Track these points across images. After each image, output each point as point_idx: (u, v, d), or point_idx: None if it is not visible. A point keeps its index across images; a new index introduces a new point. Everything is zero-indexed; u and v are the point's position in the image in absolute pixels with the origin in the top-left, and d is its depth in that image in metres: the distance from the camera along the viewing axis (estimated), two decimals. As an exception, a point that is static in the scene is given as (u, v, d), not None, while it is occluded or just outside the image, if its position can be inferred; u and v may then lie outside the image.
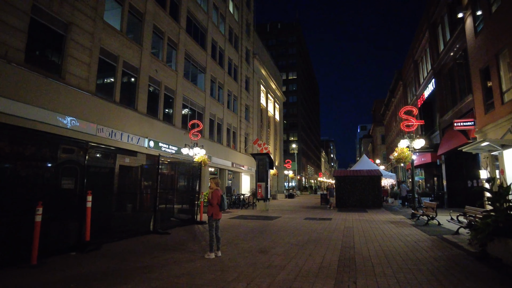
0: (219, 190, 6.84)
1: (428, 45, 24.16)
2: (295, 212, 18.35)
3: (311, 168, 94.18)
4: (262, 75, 41.72)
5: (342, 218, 14.61)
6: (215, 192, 6.77)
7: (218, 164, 26.52)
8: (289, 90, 79.14)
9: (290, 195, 38.98)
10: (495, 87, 13.10)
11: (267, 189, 19.33)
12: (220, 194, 6.76)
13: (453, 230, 9.96)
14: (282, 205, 25.43)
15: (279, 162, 50.02)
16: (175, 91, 21.32)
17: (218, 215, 6.76)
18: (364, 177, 22.19)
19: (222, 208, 6.71)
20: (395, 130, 42.06)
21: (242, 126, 33.40)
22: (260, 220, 13.97)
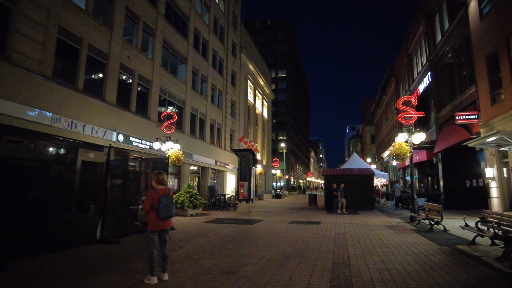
0: (158, 189, 4.94)
1: (423, 37, 22.75)
2: (281, 214, 16.60)
3: (300, 168, 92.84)
4: (249, 70, 39.91)
5: (332, 222, 12.92)
6: (150, 194, 4.89)
7: (200, 162, 24.60)
8: (278, 88, 77.55)
9: (278, 195, 37.30)
10: (506, 74, 11.60)
11: (250, 188, 17.54)
12: (156, 196, 4.82)
13: (464, 238, 8.35)
14: (267, 206, 23.67)
15: (267, 161, 48.30)
16: (150, 81, 19.35)
17: (157, 225, 4.83)
18: (355, 176, 20.62)
19: (158, 215, 4.77)
20: (386, 128, 40.83)
21: (228, 123, 31.53)
22: (239, 224, 12.16)
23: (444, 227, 9.76)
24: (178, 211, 15.55)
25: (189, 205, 15.37)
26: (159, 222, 4.78)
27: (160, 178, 5.01)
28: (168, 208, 4.82)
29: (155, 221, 4.76)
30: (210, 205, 18.54)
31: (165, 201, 4.78)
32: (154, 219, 4.76)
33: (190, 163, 23.12)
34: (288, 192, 53.28)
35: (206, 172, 26.56)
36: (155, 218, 4.74)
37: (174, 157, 15.00)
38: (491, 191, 13.04)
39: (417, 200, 20.38)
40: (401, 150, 12.32)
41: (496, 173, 12.57)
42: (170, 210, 4.85)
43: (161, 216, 4.74)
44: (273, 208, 21.49)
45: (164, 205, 4.76)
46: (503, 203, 12.28)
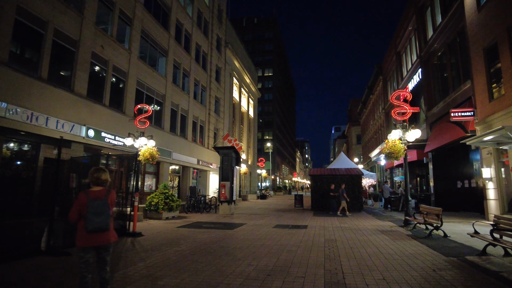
0: (90, 192, 3.66)
1: (414, 33, 22.08)
2: (265, 216, 15.45)
3: (285, 168, 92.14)
4: (235, 67, 38.65)
5: (320, 226, 11.86)
6: (79, 197, 3.56)
7: (181, 161, 23.20)
8: (265, 87, 76.56)
9: (263, 196, 36.18)
10: (506, 67, 10.80)
11: (232, 189, 16.31)
12: (85, 200, 3.55)
13: (470, 246, 7.39)
14: (251, 207, 22.49)
15: (252, 161, 47.14)
16: (127, 73, 17.88)
17: (86, 239, 3.53)
18: (343, 177, 19.69)
19: (86, 227, 3.48)
20: (372, 128, 40.32)
21: (211, 120, 30.17)
22: (217, 229, 10.92)
23: (444, 233, 8.82)
24: (151, 214, 14.20)
25: (164, 208, 14.04)
26: (89, 236, 3.50)
27: (95, 176, 3.71)
28: (99, 218, 3.49)
29: (84, 234, 3.48)
30: (189, 207, 17.21)
31: (94, 209, 3.48)
32: (82, 232, 3.48)
33: (169, 162, 21.72)
34: (274, 192, 52.28)
35: (188, 171, 25.17)
36: (84, 231, 3.46)
37: (147, 154, 13.65)
38: (487, 193, 12.26)
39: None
40: (394, 148, 11.38)
41: (494, 174, 11.78)
42: (101, 222, 3.51)
43: (88, 228, 3.45)
44: (257, 209, 20.33)
45: (93, 214, 3.46)
46: (501, 206, 11.50)
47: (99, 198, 3.56)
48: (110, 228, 3.56)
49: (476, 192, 15.50)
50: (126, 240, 8.73)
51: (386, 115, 31.70)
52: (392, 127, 27.33)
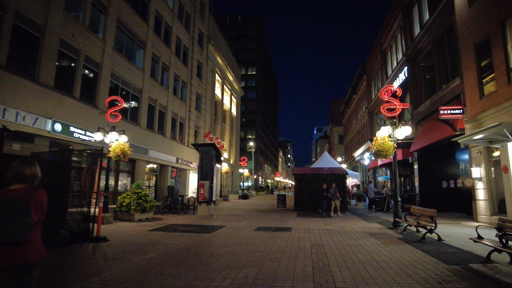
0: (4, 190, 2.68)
1: (400, 31, 21.77)
2: (246, 218, 14.57)
3: (268, 168, 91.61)
4: (217, 64, 37.57)
5: (305, 228, 11.09)
6: None
7: (158, 159, 22.01)
8: (248, 85, 75.67)
9: (245, 196, 35.30)
10: (499, 63, 10.37)
11: (212, 189, 15.33)
12: None
13: (469, 251, 6.77)
14: (232, 208, 21.56)
15: (234, 160, 46.16)
16: (100, 64, 16.61)
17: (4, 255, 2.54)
18: (327, 176, 19.09)
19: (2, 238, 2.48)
20: (355, 128, 40.20)
21: (192, 117, 29.01)
22: (193, 233, 9.95)
23: (438, 236, 8.21)
24: (123, 216, 13.05)
25: (136, 209, 12.91)
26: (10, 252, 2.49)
27: (15, 171, 2.71)
28: (8, 227, 2.47)
29: None
30: (164, 207, 16.10)
31: (2, 213, 2.51)
32: None
33: (146, 160, 20.51)
34: (256, 192, 51.50)
35: (166, 170, 23.97)
36: None
37: (118, 150, 12.54)
38: (477, 193, 11.85)
39: (391, 202, 19.33)
40: (384, 146, 10.75)
41: (484, 173, 11.37)
42: (11, 231, 2.48)
43: (7, 240, 2.47)
44: (238, 210, 19.43)
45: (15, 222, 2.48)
46: (491, 207, 11.09)
47: (16, 199, 2.57)
48: (28, 241, 2.58)
49: (462, 192, 15.20)
50: (87, 247, 7.64)
51: (370, 115, 31.49)
52: (376, 126, 27.05)
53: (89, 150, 10.05)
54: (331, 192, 16.51)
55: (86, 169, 9.50)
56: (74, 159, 12.57)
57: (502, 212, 10.67)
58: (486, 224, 11.27)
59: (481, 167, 11.49)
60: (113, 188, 18.01)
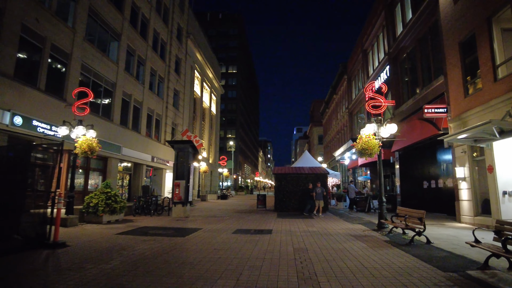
0: None
1: (382, 30, 21.66)
2: (224, 219, 13.82)
3: (248, 167, 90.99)
4: (197, 60, 36.51)
5: (286, 230, 10.49)
6: None
7: (133, 158, 20.85)
8: (229, 84, 74.73)
9: (223, 196, 34.46)
10: (485, 61, 10.16)
11: (188, 189, 14.47)
12: None
13: (461, 255, 6.34)
14: (210, 208, 20.73)
15: (213, 159, 45.16)
16: (69, 54, 15.39)
17: None
18: (308, 175, 18.63)
19: None
20: (335, 128, 40.22)
21: (169, 114, 27.88)
22: (166, 236, 9.11)
23: (427, 239, 7.79)
24: (90, 217, 11.99)
25: (105, 210, 11.88)
26: None
27: None
28: None
29: None
30: (137, 208, 15.08)
31: None
32: None
33: (119, 158, 19.34)
34: (235, 192, 50.72)
35: (141, 169, 22.79)
36: None
37: (85, 146, 11.51)
38: (460, 193, 11.65)
39: (372, 202, 19.12)
40: (368, 144, 10.31)
41: (467, 173, 11.16)
42: None
43: None
44: (216, 211, 18.62)
45: None
46: (475, 207, 10.89)
47: None
48: None
49: (443, 192, 15.12)
50: (40, 255, 6.67)
51: (350, 115, 31.45)
52: (357, 125, 26.98)
53: (45, 145, 9.00)
54: (317, 192, 16.08)
55: (52, 166, 8.46)
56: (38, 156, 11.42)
57: (486, 213, 10.48)
58: (470, 225, 11.09)
59: (465, 167, 11.29)
60: (82, 187, 16.80)
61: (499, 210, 9.52)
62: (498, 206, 9.53)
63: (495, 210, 9.67)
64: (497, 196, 9.56)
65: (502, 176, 9.57)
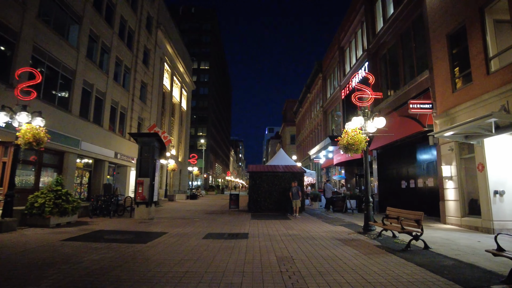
0: None
1: (360, 26, 21.17)
2: (194, 221, 12.46)
3: (219, 167, 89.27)
4: (167, 52, 34.57)
5: (264, 233, 9.36)
6: None
7: (93, 153, 18.83)
8: (200, 80, 72.63)
9: (193, 196, 32.82)
10: (476, 53, 9.61)
11: (153, 187, 12.95)
12: None
13: (468, 262, 5.51)
14: (178, 209, 19.19)
15: (183, 157, 43.19)
16: (18, 34, 13.34)
17: None
18: (284, 174, 17.67)
19: None
20: (309, 127, 39.79)
21: (136, 108, 25.87)
22: (124, 243, 7.65)
23: (424, 243, 6.95)
24: (34, 220, 10.18)
25: (53, 211, 10.13)
26: None
27: None
28: None
29: None
30: (95, 209, 13.33)
31: None
32: None
33: (78, 153, 17.31)
34: (206, 192, 49.03)
35: (102, 166, 20.74)
36: None
37: (29, 136, 9.75)
38: (445, 193, 11.10)
39: (350, 202, 18.50)
40: (355, 139, 9.43)
41: (455, 172, 10.61)
42: None
43: None
44: (185, 212, 17.16)
45: None
46: (462, 208, 10.35)
47: None
48: None
49: (423, 192, 14.69)
50: None
51: (324, 113, 30.99)
52: (332, 124, 26.42)
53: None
54: (293, 192, 15.14)
55: None
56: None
57: (474, 214, 9.95)
58: (456, 226, 10.54)
59: (451, 165, 10.74)
60: (32, 185, 14.72)
61: (490, 211, 8.97)
62: (489, 206, 8.97)
63: (486, 211, 9.11)
64: (488, 196, 9.00)
65: (494, 175, 9.03)
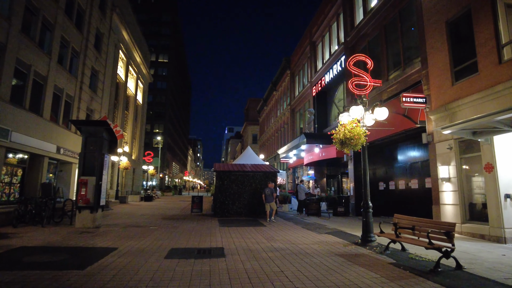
0: None
1: (336, 19, 20.06)
2: (151, 230, 10.17)
3: (176, 166, 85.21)
4: (123, 39, 31.13)
5: (243, 247, 7.47)
6: None
7: (28, 146, 15.44)
8: (158, 74, 68.42)
9: (148, 197, 29.83)
10: (484, 40, 8.57)
11: (100, 188, 10.43)
12: None
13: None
14: (132, 213, 16.56)
15: (137, 155, 39.57)
16: None
17: None
18: (256, 174, 15.88)
19: None
20: (274, 126, 38.49)
21: (84, 97, 22.47)
22: (53, 269, 5.27)
23: (456, 262, 5.52)
24: None
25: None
26: None
27: None
28: None
29: None
30: (21, 216, 10.46)
31: None
32: None
33: (6, 146, 13.99)
34: (162, 193, 45.69)
35: (41, 162, 17.27)
36: None
37: None
38: (441, 196, 10.02)
39: (324, 204, 17.22)
40: (353, 133, 7.90)
41: (454, 173, 9.53)
42: None
43: None
44: (139, 217, 14.66)
45: None
46: (462, 213, 9.29)
47: None
48: None
49: (404, 195, 13.76)
50: None
51: (292, 112, 29.78)
52: (300, 122, 25.11)
53: None
54: (267, 193, 13.43)
55: None
56: None
57: (477, 220, 8.91)
58: (456, 233, 9.45)
59: (450, 166, 9.67)
60: None
61: (500, 217, 7.92)
62: (500, 212, 7.92)
63: (495, 217, 8.06)
64: (499, 200, 7.95)
65: (505, 176, 8.01)
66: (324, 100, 22.97)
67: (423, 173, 12.34)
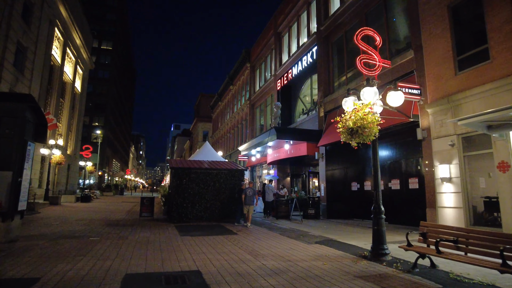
0: None
1: (307, 8, 18.77)
2: (92, 244, 7.63)
3: (117, 164, 78.65)
4: (60, 15, 26.65)
5: (228, 271, 5.47)
6: None
7: None
8: (101, 62, 62.09)
9: (86, 197, 25.88)
10: (499, 25, 7.66)
11: (19, 187, 7.59)
12: None
13: None
14: (65, 218, 13.39)
15: (73, 149, 34.68)
16: None
17: None
18: (220, 172, 13.85)
19: None
20: (230, 122, 36.47)
21: (6, 77, 18.36)
22: None
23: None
24: None
25: None
26: None
27: None
28: None
29: None
30: None
31: None
32: None
33: None
34: (101, 192, 40.96)
35: None
36: None
37: None
38: (440, 198, 9.02)
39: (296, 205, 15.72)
40: (366, 120, 6.37)
41: (456, 172, 8.55)
42: None
43: None
44: (75, 223, 11.72)
45: None
46: (466, 217, 8.32)
47: None
48: None
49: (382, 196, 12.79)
50: None
51: (252, 107, 28.10)
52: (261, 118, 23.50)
53: None
54: (248, 194, 11.68)
55: None
56: None
57: (483, 225, 7.98)
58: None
59: (451, 164, 8.68)
60: None
61: (518, 223, 6.99)
62: (517, 217, 6.99)
63: (510, 221, 7.11)
64: (516, 204, 7.02)
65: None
66: (288, 95, 21.64)
67: (407, 172, 11.42)
